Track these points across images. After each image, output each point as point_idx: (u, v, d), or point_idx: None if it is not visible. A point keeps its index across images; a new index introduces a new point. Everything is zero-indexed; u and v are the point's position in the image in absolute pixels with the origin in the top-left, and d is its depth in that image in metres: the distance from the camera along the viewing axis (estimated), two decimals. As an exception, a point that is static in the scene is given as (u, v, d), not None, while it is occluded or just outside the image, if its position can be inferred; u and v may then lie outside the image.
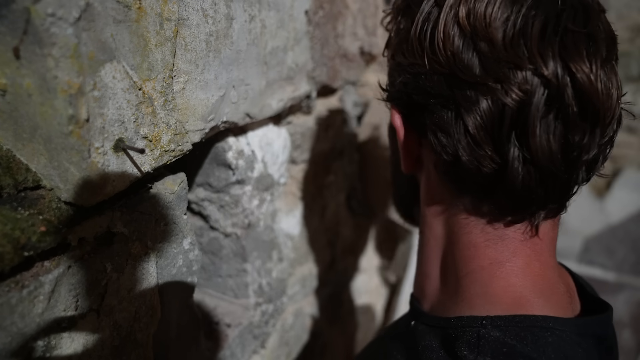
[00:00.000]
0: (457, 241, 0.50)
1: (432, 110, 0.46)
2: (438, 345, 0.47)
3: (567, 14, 0.41)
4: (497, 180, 0.44)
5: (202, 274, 0.86)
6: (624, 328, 2.47)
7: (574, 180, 0.44)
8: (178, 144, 0.57)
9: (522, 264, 0.47)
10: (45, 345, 0.45)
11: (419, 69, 0.47)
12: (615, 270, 2.73)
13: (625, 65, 2.74)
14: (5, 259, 0.40)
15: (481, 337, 0.43)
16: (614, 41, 0.43)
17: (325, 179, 1.08)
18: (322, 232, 1.11)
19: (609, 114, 0.41)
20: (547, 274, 0.48)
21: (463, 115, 0.43)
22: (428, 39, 0.45)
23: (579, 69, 0.39)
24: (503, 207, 0.46)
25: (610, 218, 2.82)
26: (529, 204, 0.45)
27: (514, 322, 0.44)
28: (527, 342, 0.42)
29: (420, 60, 0.46)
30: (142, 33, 0.48)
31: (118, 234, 0.52)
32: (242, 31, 0.65)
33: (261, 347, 0.92)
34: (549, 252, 0.49)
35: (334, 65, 0.96)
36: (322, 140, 1.02)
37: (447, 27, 0.43)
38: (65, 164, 0.44)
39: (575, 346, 0.43)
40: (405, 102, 0.51)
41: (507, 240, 0.47)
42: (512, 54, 0.40)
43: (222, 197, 0.78)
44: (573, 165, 0.43)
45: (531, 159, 0.42)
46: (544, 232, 0.48)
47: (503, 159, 0.43)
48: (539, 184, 0.43)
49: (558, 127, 0.41)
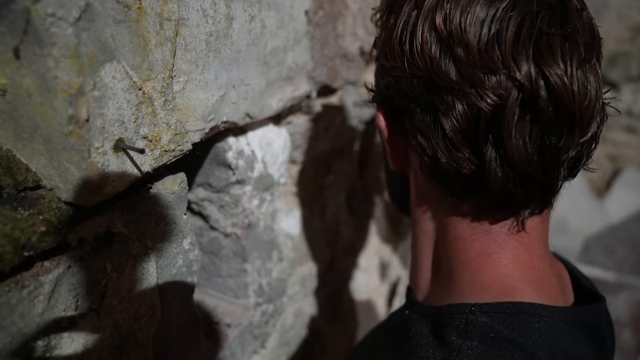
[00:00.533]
0: (446, 235, 0.52)
1: (412, 114, 0.47)
2: (428, 332, 0.48)
3: (543, 16, 0.41)
4: (477, 182, 0.45)
5: (202, 274, 0.86)
6: (624, 328, 2.47)
7: (555, 179, 0.45)
8: (178, 144, 0.57)
9: (510, 255, 0.48)
10: (45, 345, 0.45)
11: (399, 72, 0.48)
12: (615, 270, 2.73)
13: (625, 65, 2.74)
14: (5, 259, 0.40)
15: (469, 323, 0.44)
16: (595, 39, 0.43)
17: (325, 179, 1.08)
18: (322, 232, 1.11)
19: (586, 113, 0.41)
20: (536, 265, 0.49)
21: (441, 119, 0.44)
22: (407, 44, 0.46)
23: (552, 72, 0.39)
24: (485, 207, 0.47)
25: (610, 218, 2.82)
26: (510, 204, 0.46)
27: (502, 308, 0.45)
28: (514, 328, 0.43)
29: (401, 64, 0.47)
30: (142, 33, 0.48)
31: (118, 234, 0.52)
32: (242, 31, 0.65)
33: (261, 347, 0.92)
34: (538, 245, 0.49)
35: (334, 65, 0.96)
36: (322, 140, 1.02)
37: (424, 33, 0.44)
38: (65, 164, 0.44)
39: (562, 333, 0.44)
40: (389, 104, 0.52)
41: (493, 234, 0.48)
42: (486, 59, 0.41)
43: (222, 197, 0.78)
44: (551, 165, 0.43)
45: (508, 161, 0.42)
46: (531, 226, 0.48)
47: (481, 160, 0.44)
48: (518, 185, 0.44)
49: (534, 130, 0.41)
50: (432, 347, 0.46)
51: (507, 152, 0.42)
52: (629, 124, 2.83)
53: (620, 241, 2.79)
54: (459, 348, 0.43)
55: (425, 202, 0.55)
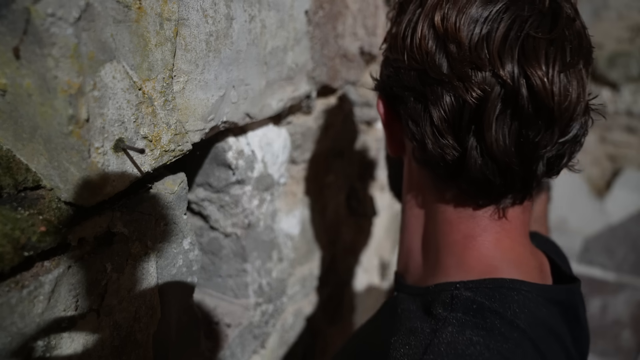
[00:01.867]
0: (434, 219, 0.56)
1: (406, 102, 0.52)
2: (416, 308, 0.52)
3: (533, 21, 0.44)
4: (459, 168, 0.49)
5: (202, 274, 0.86)
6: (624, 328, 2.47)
7: (532, 173, 0.48)
8: (178, 144, 0.57)
9: (493, 239, 0.52)
10: (45, 345, 0.45)
11: (400, 64, 0.52)
12: (615, 270, 2.73)
13: (625, 65, 2.74)
14: (5, 259, 0.40)
15: (454, 297, 0.48)
16: (583, 47, 0.46)
17: (325, 179, 1.08)
18: (322, 232, 1.11)
19: (566, 114, 0.44)
20: (517, 249, 0.53)
21: (430, 107, 0.49)
22: (409, 38, 0.50)
23: (534, 73, 0.43)
24: (467, 192, 0.52)
25: (610, 218, 2.82)
26: (490, 191, 0.50)
27: (484, 284, 0.49)
28: (494, 300, 0.47)
29: (402, 56, 0.51)
30: (142, 33, 0.48)
31: (118, 234, 0.52)
32: (242, 31, 0.65)
33: (261, 347, 0.92)
34: (518, 232, 0.53)
35: (334, 65, 0.96)
36: (322, 140, 1.02)
37: (424, 29, 0.48)
38: (65, 164, 0.44)
39: (539, 306, 0.48)
40: (388, 92, 0.57)
41: (477, 218, 0.53)
42: (475, 56, 0.45)
43: (222, 197, 0.78)
44: (528, 159, 0.47)
45: (487, 151, 0.46)
46: (512, 215, 0.53)
47: (463, 148, 0.48)
48: (496, 174, 0.48)
49: (513, 124, 0.45)
50: (420, 320, 0.50)
51: (487, 142, 0.46)
52: (629, 124, 2.83)
53: (620, 241, 2.79)
54: (444, 318, 0.47)
55: (416, 187, 0.59)
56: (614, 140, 2.89)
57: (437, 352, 0.43)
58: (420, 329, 0.48)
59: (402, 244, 0.64)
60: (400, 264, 0.65)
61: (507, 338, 0.44)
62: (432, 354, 0.43)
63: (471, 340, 0.43)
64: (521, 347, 0.44)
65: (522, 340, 0.44)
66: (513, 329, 0.45)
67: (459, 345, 0.43)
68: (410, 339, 0.47)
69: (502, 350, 0.43)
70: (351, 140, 1.20)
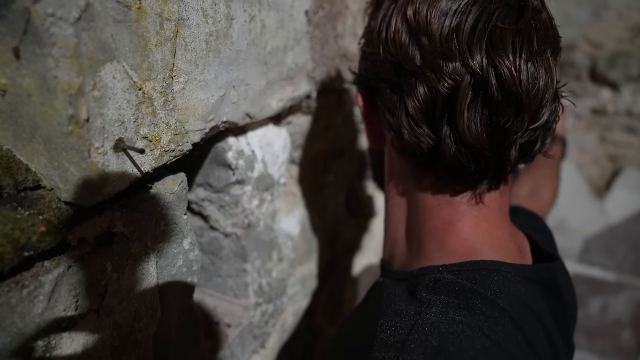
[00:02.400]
0: (416, 206, 0.58)
1: (383, 93, 0.55)
2: (401, 292, 0.54)
3: (499, 12, 0.46)
4: (435, 156, 0.51)
5: (202, 274, 0.86)
6: (624, 328, 2.47)
7: (505, 159, 0.50)
8: (178, 144, 0.57)
9: (471, 223, 0.54)
10: (45, 345, 0.45)
11: (376, 57, 0.55)
12: (615, 270, 2.73)
13: (625, 65, 2.74)
14: (5, 259, 0.40)
15: (437, 280, 0.50)
16: (549, 36, 0.48)
17: (325, 179, 1.08)
18: (322, 231, 1.11)
19: (534, 101, 0.46)
20: (495, 232, 0.55)
21: (405, 98, 0.51)
22: (384, 32, 0.53)
23: (501, 62, 0.45)
24: (443, 178, 0.54)
25: (610, 218, 2.82)
26: (465, 177, 0.52)
27: (465, 266, 0.51)
28: (475, 282, 0.49)
29: (377, 50, 0.54)
30: (142, 33, 0.48)
31: (118, 234, 0.52)
32: (242, 31, 0.65)
33: (261, 347, 0.92)
34: (497, 216, 0.55)
35: (334, 65, 0.96)
36: (322, 140, 1.02)
37: (397, 23, 0.51)
38: (65, 164, 0.44)
39: (518, 285, 0.50)
40: (367, 85, 0.59)
41: (455, 205, 0.55)
42: (445, 48, 0.47)
43: (222, 197, 0.78)
44: (500, 145, 0.48)
45: (460, 138, 0.48)
46: (490, 200, 0.55)
47: (437, 136, 0.50)
48: (470, 161, 0.49)
49: (484, 112, 0.47)
50: (405, 302, 0.51)
51: (459, 130, 0.48)
52: (629, 124, 2.83)
53: (620, 241, 2.79)
54: (428, 301, 0.48)
55: (397, 176, 0.61)
56: (614, 140, 2.89)
57: (422, 331, 0.45)
58: (405, 311, 0.49)
59: (387, 232, 0.66)
60: (385, 251, 0.67)
61: (488, 317, 0.46)
62: (416, 334, 0.45)
63: (454, 320, 0.45)
64: (502, 325, 0.46)
65: (503, 319, 0.46)
66: (494, 308, 0.47)
67: (442, 325, 0.45)
68: (395, 320, 0.49)
69: (483, 328, 0.45)
70: (351, 140, 1.20)
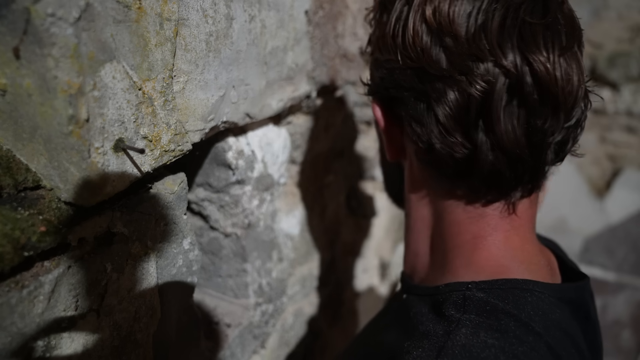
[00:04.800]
0: (442, 220, 0.54)
1: (407, 103, 0.50)
2: (427, 310, 0.51)
3: (526, 7, 0.44)
4: (469, 165, 0.48)
5: (202, 274, 0.86)
6: (624, 328, 2.47)
7: (542, 162, 0.47)
8: (178, 144, 0.57)
9: (502, 237, 0.51)
10: (45, 345, 0.45)
11: (393, 64, 0.50)
12: (615, 270, 2.73)
13: (625, 65, 2.74)
14: (5, 259, 0.40)
15: (467, 298, 0.47)
16: (575, 29, 0.46)
17: (325, 179, 1.08)
18: (322, 232, 1.11)
19: (570, 98, 0.44)
20: (526, 247, 0.52)
21: (433, 106, 0.47)
22: (400, 36, 0.48)
23: (536, 59, 0.42)
24: (477, 189, 0.50)
25: (610, 218, 2.82)
26: (501, 185, 0.49)
27: (497, 284, 0.48)
28: (508, 301, 0.46)
29: (394, 56, 0.49)
30: (142, 33, 0.48)
31: (118, 234, 0.52)
32: (242, 31, 0.65)
33: (261, 347, 0.92)
34: (527, 228, 0.52)
35: (334, 65, 0.96)
36: (322, 140, 1.02)
37: (416, 25, 0.47)
38: (65, 164, 0.44)
39: (553, 307, 0.47)
40: (384, 95, 0.55)
41: (487, 217, 0.51)
42: (474, 48, 0.44)
43: (222, 197, 0.78)
44: (539, 148, 0.46)
45: (498, 144, 0.45)
46: (521, 210, 0.51)
47: (472, 144, 0.46)
48: (507, 167, 0.46)
49: (521, 114, 0.44)
50: (433, 322, 0.48)
51: (497, 135, 0.45)
52: (629, 124, 2.83)
53: (620, 241, 2.78)
54: (457, 320, 0.45)
55: (421, 189, 0.57)
56: (614, 140, 2.89)
57: (451, 354, 0.42)
58: (432, 331, 0.46)
59: (408, 246, 0.62)
60: (407, 265, 0.63)
61: (522, 341, 0.43)
62: (445, 357, 0.42)
63: (486, 343, 0.42)
64: (537, 350, 0.43)
65: (538, 344, 0.43)
66: (528, 332, 0.44)
67: (473, 348, 0.42)
68: (423, 342, 0.46)
69: (517, 353, 0.41)
70: (351, 140, 1.20)
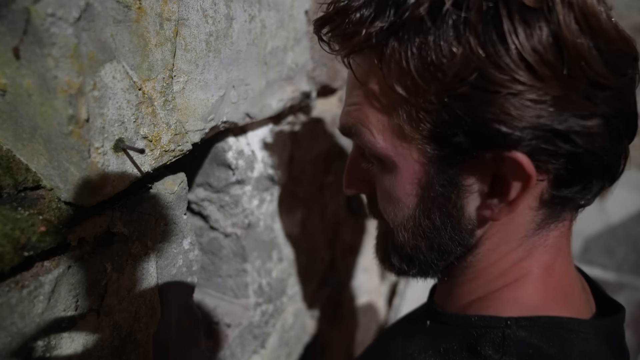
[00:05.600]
0: (490, 256, 0.48)
1: (573, 140, 0.38)
2: (459, 346, 0.46)
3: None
4: (607, 171, 0.43)
5: (202, 274, 0.86)
6: (624, 328, 2.46)
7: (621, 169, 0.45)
8: (178, 144, 0.57)
9: (549, 265, 0.47)
10: (45, 345, 0.45)
11: (545, 96, 0.37)
12: (615, 270, 2.73)
13: (625, 65, 2.73)
14: (5, 259, 0.40)
15: (506, 338, 0.43)
16: None
17: (325, 179, 1.08)
18: (322, 232, 1.11)
19: None
20: (569, 275, 0.48)
21: (594, 137, 0.38)
22: (561, 57, 0.36)
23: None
24: (580, 203, 0.45)
25: (610, 218, 2.82)
26: (591, 192, 0.44)
27: (539, 323, 0.43)
28: (552, 344, 0.42)
29: (553, 83, 0.36)
30: (142, 33, 0.48)
31: (118, 234, 0.52)
32: (242, 31, 0.65)
33: (261, 347, 0.92)
34: (569, 257, 0.49)
35: (334, 65, 0.96)
36: (322, 140, 1.02)
37: (572, 35, 0.35)
38: (65, 164, 0.44)
39: (597, 349, 0.43)
40: (533, 140, 0.39)
41: (561, 238, 0.47)
42: (624, 44, 0.38)
43: (222, 197, 0.78)
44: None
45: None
46: (570, 230, 0.48)
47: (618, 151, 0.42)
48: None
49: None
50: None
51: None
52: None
53: (620, 241, 2.78)
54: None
55: (504, 234, 0.48)
56: (614, 140, 2.88)
57: None
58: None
59: (450, 272, 0.54)
60: (440, 290, 0.57)
61: None
62: None
63: None
64: None
65: None
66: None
67: None
68: None
69: None
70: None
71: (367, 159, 0.52)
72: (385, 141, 0.45)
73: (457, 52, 0.37)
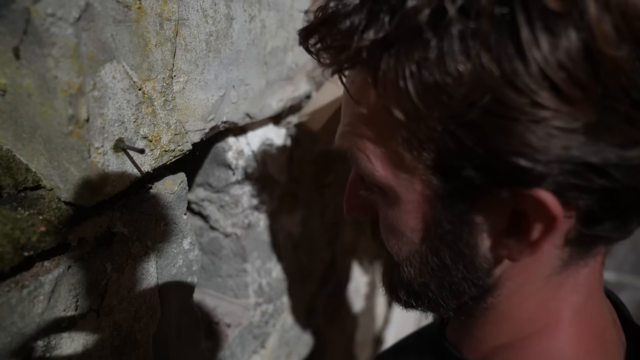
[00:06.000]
0: (513, 297, 0.43)
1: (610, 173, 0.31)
2: None
3: None
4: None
5: (202, 274, 0.86)
6: (624, 328, 2.46)
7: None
8: (178, 144, 0.57)
9: (578, 307, 0.42)
10: (45, 345, 0.45)
11: (575, 122, 0.29)
12: (615, 270, 2.73)
13: (625, 65, 2.73)
14: (5, 259, 0.40)
15: None
16: None
17: (325, 179, 1.08)
18: (322, 232, 1.11)
19: None
20: (602, 315, 0.44)
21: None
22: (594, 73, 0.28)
23: None
24: (614, 239, 0.38)
25: (610, 218, 2.82)
26: (625, 229, 0.36)
27: None
28: None
29: (584, 106, 0.29)
30: (142, 33, 0.48)
31: (118, 234, 0.52)
32: (242, 31, 0.65)
33: (261, 347, 0.92)
34: (601, 289, 0.44)
35: (334, 65, 0.96)
36: (322, 140, 1.02)
37: (609, 44, 0.27)
38: (65, 164, 0.44)
39: None
40: (560, 176, 0.32)
41: (593, 277, 0.42)
42: None
43: (222, 197, 0.78)
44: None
45: None
46: (602, 267, 0.42)
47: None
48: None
49: None
50: None
51: None
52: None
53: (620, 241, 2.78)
54: None
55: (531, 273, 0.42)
56: (614, 140, 2.88)
57: None
58: None
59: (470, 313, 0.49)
60: (456, 331, 0.52)
61: None
62: None
63: None
64: None
65: None
66: None
67: None
68: None
69: None
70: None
71: (368, 186, 0.46)
72: (384, 169, 0.39)
73: (465, 70, 0.30)
